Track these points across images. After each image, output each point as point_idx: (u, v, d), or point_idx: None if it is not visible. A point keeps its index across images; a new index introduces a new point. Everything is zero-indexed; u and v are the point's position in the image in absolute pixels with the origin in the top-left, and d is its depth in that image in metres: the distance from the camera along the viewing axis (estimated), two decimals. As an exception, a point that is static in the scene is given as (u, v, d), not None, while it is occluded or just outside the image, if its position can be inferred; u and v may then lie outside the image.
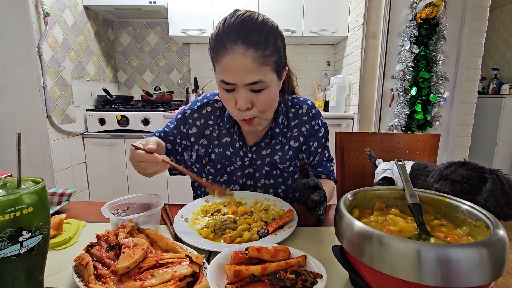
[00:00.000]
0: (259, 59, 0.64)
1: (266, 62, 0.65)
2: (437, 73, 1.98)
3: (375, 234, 0.36)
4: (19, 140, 0.38)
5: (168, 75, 2.86)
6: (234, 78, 0.66)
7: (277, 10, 2.36)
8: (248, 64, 0.64)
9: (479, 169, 0.66)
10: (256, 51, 0.63)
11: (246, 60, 0.63)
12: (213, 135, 0.87)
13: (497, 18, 3.64)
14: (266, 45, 0.64)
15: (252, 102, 0.69)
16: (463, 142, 2.26)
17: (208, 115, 0.87)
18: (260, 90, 0.68)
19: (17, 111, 1.77)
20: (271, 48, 0.66)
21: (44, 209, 0.38)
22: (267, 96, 0.69)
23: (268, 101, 0.71)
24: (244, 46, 0.63)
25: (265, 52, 0.65)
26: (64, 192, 0.77)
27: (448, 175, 0.67)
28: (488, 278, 0.32)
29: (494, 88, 3.39)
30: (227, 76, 0.66)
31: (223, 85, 0.69)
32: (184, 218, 0.69)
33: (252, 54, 0.63)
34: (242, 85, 0.66)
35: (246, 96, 0.67)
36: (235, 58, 0.64)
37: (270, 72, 0.68)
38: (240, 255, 0.47)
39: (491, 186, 0.61)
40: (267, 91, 0.69)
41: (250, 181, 0.88)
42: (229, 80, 0.66)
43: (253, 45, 0.63)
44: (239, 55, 0.63)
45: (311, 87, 2.84)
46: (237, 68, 0.64)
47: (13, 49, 1.71)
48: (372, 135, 1.32)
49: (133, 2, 2.27)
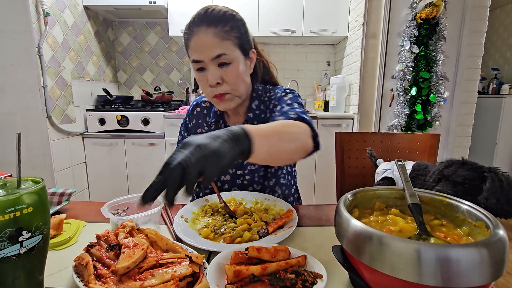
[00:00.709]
0: (219, 34, 0.74)
1: (226, 37, 0.75)
2: (437, 73, 1.98)
3: (375, 234, 0.36)
4: (19, 140, 0.38)
5: (168, 75, 2.86)
6: (201, 54, 0.75)
7: (277, 10, 2.36)
8: (210, 39, 0.74)
9: (478, 168, 0.65)
10: (216, 27, 0.74)
11: (208, 36, 0.74)
12: (203, 132, 0.94)
13: (497, 18, 3.64)
14: (224, 22, 0.75)
15: (222, 77, 0.77)
16: (463, 142, 2.26)
17: (198, 115, 0.96)
18: (227, 64, 0.76)
19: (17, 111, 1.77)
20: (230, 25, 0.76)
21: (44, 209, 0.38)
22: (234, 70, 0.77)
23: (236, 75, 0.78)
24: (206, 26, 0.74)
25: (224, 28, 0.75)
26: (64, 192, 0.77)
27: (449, 176, 0.67)
28: (488, 278, 0.32)
29: (494, 88, 3.39)
30: (195, 54, 0.76)
31: (195, 65, 0.77)
32: (184, 218, 0.69)
33: (213, 31, 0.74)
34: (209, 60, 0.75)
35: (215, 71, 0.76)
36: (200, 37, 0.74)
37: (232, 46, 0.76)
38: (240, 255, 0.47)
39: (490, 184, 0.61)
40: (234, 65, 0.77)
41: (240, 171, 0.91)
42: (198, 58, 0.76)
43: (212, 24, 0.74)
44: (202, 33, 0.74)
45: (311, 87, 2.84)
46: (202, 45, 0.74)
47: (13, 49, 1.71)
48: (372, 135, 1.32)
49: (133, 2, 2.27)
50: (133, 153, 2.24)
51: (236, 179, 0.91)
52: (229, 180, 0.91)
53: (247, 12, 2.35)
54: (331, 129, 2.23)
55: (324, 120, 2.23)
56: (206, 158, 0.38)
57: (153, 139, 2.22)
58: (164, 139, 2.21)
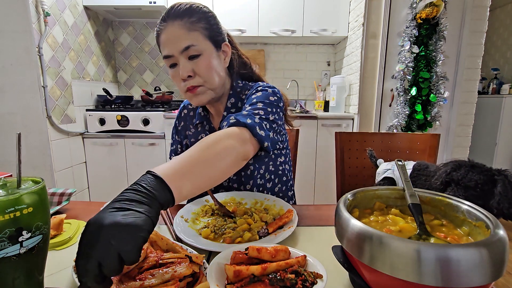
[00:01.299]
0: (185, 25, 0.73)
1: (193, 28, 0.74)
2: (437, 73, 1.98)
3: (375, 234, 0.36)
4: (19, 140, 0.38)
5: (168, 75, 2.86)
6: (170, 48, 0.74)
7: (277, 10, 2.36)
8: (177, 31, 0.73)
9: (488, 171, 0.64)
10: (182, 19, 0.73)
11: (175, 29, 0.73)
12: (189, 134, 0.94)
13: (497, 18, 3.64)
14: (190, 14, 0.74)
15: (193, 70, 0.75)
16: (463, 142, 2.26)
17: (185, 117, 0.97)
18: (197, 56, 0.75)
19: (17, 111, 1.77)
20: (197, 16, 0.75)
21: (44, 209, 0.38)
22: (205, 62, 0.75)
23: (207, 66, 0.76)
24: (172, 20, 0.74)
25: (190, 19, 0.74)
26: (64, 192, 0.77)
27: (460, 180, 0.65)
28: (488, 278, 0.32)
29: (494, 88, 3.40)
30: (165, 50, 0.75)
31: (167, 61, 0.77)
32: (184, 218, 0.69)
33: (179, 23, 0.73)
34: (178, 53, 0.74)
35: (185, 64, 0.74)
36: (167, 31, 0.74)
37: (200, 37, 0.75)
38: (240, 255, 0.47)
39: (502, 188, 0.61)
40: (204, 57, 0.75)
41: None
42: (167, 52, 0.75)
43: (178, 17, 0.73)
44: (169, 27, 0.74)
45: (311, 87, 2.84)
46: (169, 39, 0.74)
47: (13, 49, 1.71)
48: (372, 135, 1.32)
49: (133, 2, 2.27)
50: (133, 153, 2.24)
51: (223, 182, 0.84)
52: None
53: (247, 12, 2.36)
54: (331, 129, 2.23)
55: (324, 120, 2.23)
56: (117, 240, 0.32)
57: (153, 139, 2.22)
58: (164, 139, 2.21)
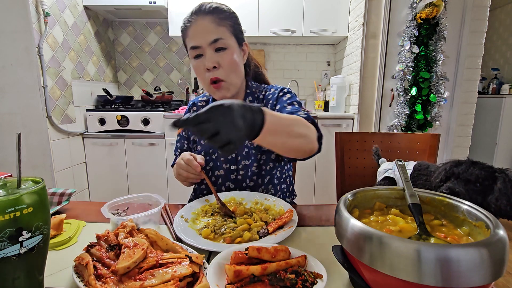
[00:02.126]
0: (215, 21, 0.80)
1: (221, 23, 0.80)
2: (437, 73, 1.98)
3: (375, 234, 0.36)
4: (19, 140, 0.38)
5: (168, 75, 2.87)
6: (198, 39, 0.79)
7: (277, 10, 2.36)
8: (207, 25, 0.79)
9: (490, 168, 0.65)
10: (212, 15, 0.80)
11: (205, 22, 0.79)
12: None
13: (497, 18, 3.64)
14: (219, 12, 0.81)
15: (218, 62, 0.81)
16: (463, 142, 2.26)
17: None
18: (223, 49, 0.81)
19: (17, 111, 1.77)
20: (225, 14, 0.82)
21: (44, 209, 0.38)
22: (230, 55, 0.82)
23: (231, 61, 0.82)
24: (202, 15, 0.80)
25: (219, 16, 0.80)
26: (64, 192, 0.77)
27: (460, 174, 0.66)
28: (488, 278, 0.32)
29: (494, 88, 3.39)
30: (193, 40, 0.80)
31: (192, 52, 0.81)
32: (184, 218, 0.69)
33: (209, 17, 0.79)
34: (206, 45, 0.79)
35: (212, 55, 0.80)
36: (197, 24, 0.80)
37: (227, 33, 0.81)
38: (240, 255, 0.47)
39: (502, 185, 0.61)
40: (229, 51, 0.82)
41: (234, 166, 0.92)
42: (196, 43, 0.80)
43: (209, 13, 0.80)
44: (200, 20, 0.80)
45: (311, 87, 2.84)
46: (199, 31, 0.79)
47: (13, 49, 1.71)
48: (372, 135, 1.32)
49: (133, 2, 2.27)
50: (133, 153, 2.24)
51: (230, 174, 0.92)
52: (222, 175, 0.93)
53: (247, 12, 2.35)
54: (331, 129, 2.23)
55: (324, 120, 2.23)
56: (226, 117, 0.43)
57: (153, 139, 2.22)
58: (164, 139, 2.21)
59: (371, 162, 1.25)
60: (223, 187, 0.93)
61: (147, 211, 0.61)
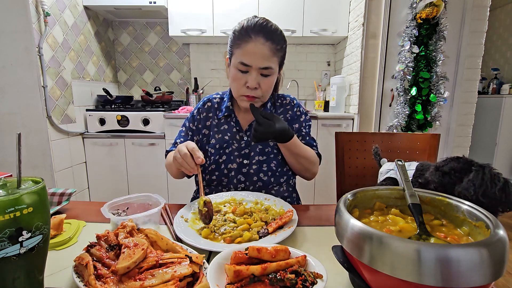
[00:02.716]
0: (272, 50, 0.84)
1: (276, 54, 0.86)
2: (437, 73, 1.98)
3: (375, 234, 0.36)
4: (19, 140, 0.38)
5: (168, 75, 2.87)
6: (252, 60, 0.83)
7: (277, 10, 2.36)
8: (265, 52, 0.83)
9: (469, 162, 0.66)
10: (272, 43, 0.84)
11: (265, 49, 0.83)
12: (212, 124, 1.00)
13: (497, 18, 3.64)
14: (278, 42, 0.85)
15: (259, 83, 0.87)
16: (463, 142, 2.26)
17: (208, 108, 1.02)
18: (267, 76, 0.87)
19: (17, 111, 1.77)
20: (281, 46, 0.87)
21: (44, 209, 0.38)
22: (271, 81, 0.89)
23: (270, 85, 0.89)
24: (264, 38, 0.83)
25: (277, 47, 0.85)
26: (64, 192, 0.77)
27: (440, 167, 0.69)
28: (488, 278, 0.32)
29: (494, 88, 3.40)
30: (246, 58, 0.84)
31: (240, 66, 0.85)
32: (184, 218, 0.69)
33: (269, 45, 0.83)
34: (256, 67, 0.84)
35: (256, 78, 0.86)
36: (257, 45, 0.83)
37: (276, 62, 0.87)
38: (240, 255, 0.47)
39: (473, 176, 0.62)
40: (272, 77, 0.88)
41: (246, 160, 0.97)
42: (248, 62, 0.84)
43: (271, 39, 0.84)
44: (260, 44, 0.83)
45: (311, 87, 2.84)
46: (256, 53, 0.83)
47: (13, 49, 1.71)
48: (372, 135, 1.32)
49: (133, 2, 2.27)
50: (133, 153, 2.24)
51: (242, 168, 0.96)
52: (235, 168, 0.96)
53: (247, 12, 2.35)
54: (331, 129, 2.23)
55: (324, 120, 2.23)
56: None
57: (153, 139, 2.22)
58: (164, 139, 2.21)
59: (371, 162, 1.25)
60: (235, 179, 0.96)
61: (147, 211, 0.61)
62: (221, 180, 0.97)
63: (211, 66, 2.83)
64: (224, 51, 2.80)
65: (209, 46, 2.79)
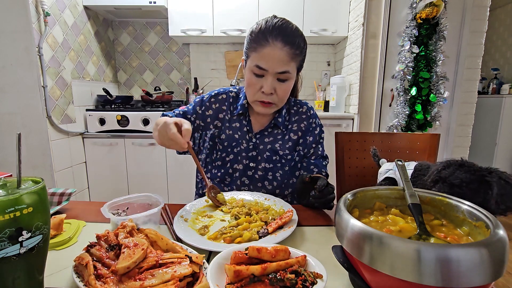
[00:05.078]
0: (290, 55, 0.81)
1: (294, 59, 0.83)
2: (437, 73, 1.98)
3: (375, 234, 0.36)
4: (19, 140, 0.38)
5: (168, 75, 2.87)
6: (268, 65, 0.81)
7: (277, 10, 2.36)
8: (283, 57, 0.80)
9: (477, 171, 0.63)
10: (291, 48, 0.80)
11: (282, 54, 0.80)
12: (225, 119, 0.98)
13: (497, 18, 3.64)
14: (297, 46, 0.82)
15: (275, 89, 0.84)
16: (463, 142, 2.26)
17: (222, 101, 0.99)
18: (284, 80, 0.84)
19: (17, 111, 1.77)
20: (300, 50, 0.83)
21: (44, 209, 0.38)
22: (287, 86, 0.85)
23: (286, 91, 0.86)
24: (283, 43, 0.80)
25: (296, 51, 0.82)
26: (64, 192, 0.77)
27: (447, 178, 0.65)
28: (488, 278, 0.32)
29: (494, 88, 3.40)
30: (263, 62, 0.81)
31: (256, 70, 0.83)
32: (184, 218, 0.69)
33: (287, 50, 0.80)
34: (273, 72, 0.81)
35: (272, 82, 0.83)
36: (274, 49, 0.80)
37: (294, 67, 0.84)
38: (240, 255, 0.47)
39: (499, 190, 0.59)
40: (289, 82, 0.85)
41: (253, 163, 0.95)
42: (264, 66, 0.81)
43: (289, 44, 0.80)
44: (278, 48, 0.80)
45: (311, 87, 2.84)
46: (273, 58, 0.80)
47: (13, 49, 1.71)
48: (372, 135, 1.32)
49: (133, 2, 2.27)
50: (133, 153, 2.24)
51: (247, 170, 0.95)
52: (241, 169, 0.95)
53: (247, 12, 2.36)
54: (331, 129, 2.23)
55: (324, 120, 2.23)
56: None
57: (153, 139, 2.21)
58: (164, 139, 2.21)
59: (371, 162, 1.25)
60: (239, 181, 0.95)
61: (147, 211, 0.61)
62: (224, 178, 0.96)
63: (211, 66, 2.83)
64: (224, 51, 2.80)
65: (209, 46, 2.79)
